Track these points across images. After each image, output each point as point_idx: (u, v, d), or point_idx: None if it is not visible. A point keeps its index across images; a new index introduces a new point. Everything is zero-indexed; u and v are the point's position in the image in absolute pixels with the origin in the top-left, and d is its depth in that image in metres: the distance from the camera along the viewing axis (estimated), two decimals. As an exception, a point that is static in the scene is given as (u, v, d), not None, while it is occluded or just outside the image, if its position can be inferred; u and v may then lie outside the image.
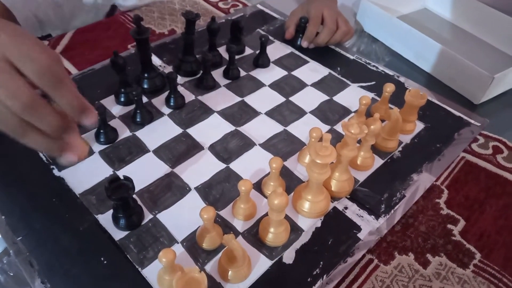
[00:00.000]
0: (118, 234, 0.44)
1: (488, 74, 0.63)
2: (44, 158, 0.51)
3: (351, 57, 0.72)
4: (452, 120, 0.61)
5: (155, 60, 0.67)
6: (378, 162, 0.54)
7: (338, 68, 0.70)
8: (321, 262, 0.43)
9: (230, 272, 0.40)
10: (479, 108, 0.67)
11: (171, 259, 0.36)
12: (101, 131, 0.53)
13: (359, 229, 0.46)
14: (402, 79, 0.68)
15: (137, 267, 0.42)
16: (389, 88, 0.57)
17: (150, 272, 0.41)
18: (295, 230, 0.46)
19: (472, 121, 0.61)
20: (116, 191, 0.42)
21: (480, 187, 0.53)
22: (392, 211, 0.48)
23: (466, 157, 0.57)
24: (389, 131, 0.54)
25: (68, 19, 0.80)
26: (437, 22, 0.89)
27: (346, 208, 0.48)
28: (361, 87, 0.66)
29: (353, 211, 0.48)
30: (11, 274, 0.45)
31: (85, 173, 0.50)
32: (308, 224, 0.46)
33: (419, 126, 0.60)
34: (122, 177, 0.43)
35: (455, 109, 0.63)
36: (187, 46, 0.64)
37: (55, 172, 0.50)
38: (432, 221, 0.48)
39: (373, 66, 0.70)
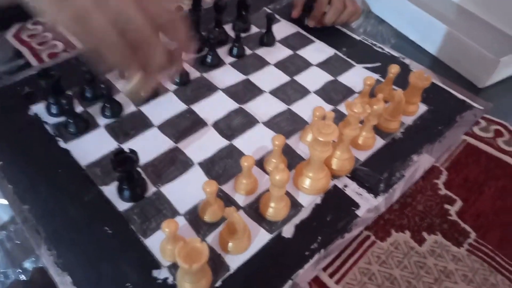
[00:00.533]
0: (122, 205, 0.45)
1: (494, 57, 0.63)
2: (50, 130, 0.52)
3: (357, 38, 0.72)
4: (455, 103, 0.61)
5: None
6: (380, 142, 0.55)
7: (344, 49, 0.69)
8: (319, 237, 0.44)
9: (230, 244, 0.41)
10: (483, 91, 0.67)
11: (174, 229, 0.37)
12: (107, 105, 0.54)
13: (357, 206, 0.47)
14: (407, 61, 0.68)
15: (140, 237, 0.43)
16: (394, 69, 0.57)
17: (153, 242, 0.43)
18: (295, 206, 0.47)
19: (475, 105, 0.61)
20: (121, 163, 0.43)
21: (480, 169, 0.53)
22: (391, 190, 0.49)
23: (467, 139, 0.57)
24: (391, 112, 0.55)
25: None
26: (444, 4, 0.88)
27: (346, 186, 0.49)
28: (366, 68, 0.66)
29: (353, 189, 0.49)
30: (18, 242, 0.46)
31: (90, 146, 0.51)
32: (308, 200, 0.47)
33: (422, 108, 0.60)
34: (127, 150, 0.44)
35: (459, 92, 0.63)
36: (193, 23, 0.64)
37: (61, 144, 0.51)
38: (430, 201, 0.49)
39: (379, 47, 0.70)
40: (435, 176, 0.52)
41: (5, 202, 0.46)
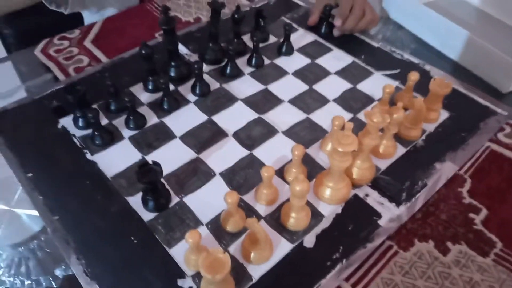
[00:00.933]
0: (147, 216, 0.47)
1: (517, 62, 0.62)
2: (77, 143, 0.54)
3: (376, 45, 0.72)
4: (477, 109, 0.60)
5: (181, 49, 0.69)
6: (401, 150, 0.54)
7: (362, 56, 0.69)
8: (341, 247, 0.44)
9: (252, 254, 0.42)
10: (506, 97, 0.65)
11: (197, 240, 0.38)
12: (131, 117, 0.55)
13: (379, 215, 0.47)
14: (427, 67, 0.67)
15: (165, 247, 0.44)
16: (414, 76, 0.57)
17: (177, 251, 0.44)
18: (316, 215, 0.47)
19: (499, 110, 0.60)
20: (146, 175, 0.44)
21: (504, 176, 0.52)
22: (413, 199, 0.49)
23: (491, 146, 0.56)
24: (412, 120, 0.54)
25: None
26: (464, 8, 0.86)
27: (367, 195, 0.49)
28: (385, 75, 0.66)
29: (374, 199, 0.49)
30: (48, 251, 0.48)
31: (116, 157, 0.53)
32: (329, 210, 0.48)
33: (444, 114, 0.59)
34: (151, 162, 0.45)
35: (482, 98, 0.62)
36: (213, 35, 0.65)
37: (88, 156, 0.53)
38: (453, 209, 0.48)
39: (398, 54, 0.70)
40: (458, 184, 0.51)
41: (35, 213, 0.48)
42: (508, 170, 0.53)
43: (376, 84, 0.64)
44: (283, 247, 0.44)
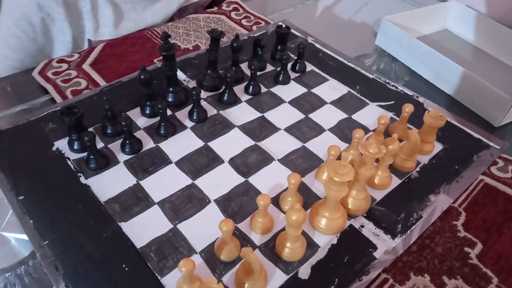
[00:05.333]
0: (139, 243, 0.46)
1: (508, 96, 0.63)
2: (72, 166, 0.54)
3: (371, 76, 0.73)
4: (471, 142, 0.61)
5: (180, 75, 0.69)
6: (396, 181, 0.54)
7: (358, 87, 0.71)
8: (336, 279, 0.43)
9: (246, 285, 0.41)
10: (498, 130, 0.66)
11: (191, 269, 0.37)
12: (127, 141, 0.55)
13: (375, 247, 0.46)
14: (421, 99, 0.68)
15: (157, 275, 0.43)
16: (408, 108, 0.58)
17: (169, 281, 0.43)
18: (311, 246, 0.47)
19: (492, 144, 0.61)
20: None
21: (498, 210, 0.53)
22: (409, 231, 0.48)
23: (485, 179, 0.57)
24: (407, 151, 0.55)
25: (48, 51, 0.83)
26: (457, 43, 0.89)
27: (362, 226, 0.49)
28: (380, 106, 0.67)
29: (370, 230, 0.48)
30: (36, 276, 0.47)
31: (110, 181, 0.52)
32: (325, 240, 0.47)
33: (438, 147, 0.60)
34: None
35: (474, 131, 0.63)
36: (211, 62, 0.66)
37: (82, 179, 0.52)
38: (448, 243, 0.48)
39: (393, 85, 0.71)
40: (453, 217, 0.51)
41: (25, 237, 0.47)
42: (502, 204, 0.53)
43: (371, 114, 0.65)
44: (278, 278, 0.43)
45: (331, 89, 0.70)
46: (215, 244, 0.45)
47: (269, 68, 0.74)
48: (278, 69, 0.70)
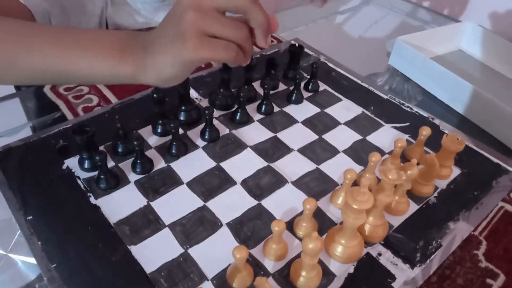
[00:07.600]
0: (149, 267, 0.44)
1: (526, 120, 0.62)
2: (82, 186, 0.53)
3: (385, 97, 0.72)
4: (489, 167, 0.60)
5: (192, 93, 0.69)
6: (413, 207, 0.53)
7: (372, 107, 0.70)
8: (354, 311, 0.42)
9: (260, 316, 0.40)
10: (517, 154, 0.65)
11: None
12: (138, 161, 0.54)
13: (393, 278, 0.45)
14: (437, 121, 0.67)
15: (167, 303, 0.41)
16: (425, 131, 0.56)
17: (180, 309, 0.41)
18: (327, 274, 0.45)
19: (511, 169, 0.59)
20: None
21: (521, 239, 0.51)
22: (428, 261, 0.47)
23: (505, 207, 0.55)
24: (424, 176, 0.53)
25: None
26: (471, 63, 0.88)
27: (380, 254, 0.47)
28: (395, 127, 0.66)
29: (387, 258, 0.47)
30: (42, 299, 0.45)
31: (120, 202, 0.51)
32: (341, 269, 0.45)
33: (455, 171, 0.58)
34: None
35: (492, 155, 0.61)
36: (224, 81, 0.65)
37: (92, 200, 0.51)
38: (470, 274, 0.46)
39: (407, 106, 0.70)
40: (474, 246, 0.49)
41: (32, 260, 0.45)
42: (523, 232, 0.52)
43: (386, 136, 0.64)
44: (293, 309, 0.42)
45: (345, 109, 0.69)
46: (227, 270, 0.44)
47: (282, 87, 0.73)
48: (291, 88, 0.70)
